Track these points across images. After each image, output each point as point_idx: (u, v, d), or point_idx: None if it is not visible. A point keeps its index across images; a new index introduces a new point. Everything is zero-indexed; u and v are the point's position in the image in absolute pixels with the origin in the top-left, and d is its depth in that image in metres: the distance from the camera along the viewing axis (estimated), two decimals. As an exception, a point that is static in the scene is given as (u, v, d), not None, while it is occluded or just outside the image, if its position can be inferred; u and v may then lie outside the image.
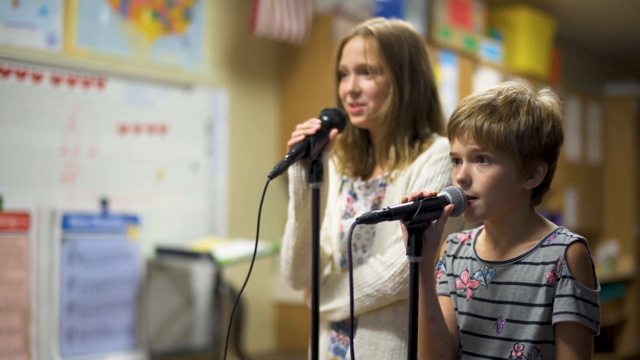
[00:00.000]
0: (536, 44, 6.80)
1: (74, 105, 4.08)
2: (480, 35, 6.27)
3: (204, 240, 4.44)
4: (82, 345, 4.09)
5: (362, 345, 2.47)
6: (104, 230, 4.20)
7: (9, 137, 3.84)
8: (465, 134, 1.95)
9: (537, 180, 1.99)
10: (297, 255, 2.50)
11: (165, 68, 4.51)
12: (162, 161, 4.47)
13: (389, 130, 2.48)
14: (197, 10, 4.67)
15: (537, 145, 1.96)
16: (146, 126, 4.40)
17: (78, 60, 4.11)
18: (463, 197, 1.94)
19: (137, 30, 4.38)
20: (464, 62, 6.01)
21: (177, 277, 4.53)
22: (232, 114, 4.86)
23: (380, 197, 2.51)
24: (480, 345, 1.99)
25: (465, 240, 2.12)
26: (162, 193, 4.47)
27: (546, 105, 2.01)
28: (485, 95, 1.99)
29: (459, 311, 2.06)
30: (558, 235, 1.97)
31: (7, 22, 3.85)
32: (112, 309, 4.22)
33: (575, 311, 1.88)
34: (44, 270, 3.96)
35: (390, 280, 2.39)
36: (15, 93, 3.87)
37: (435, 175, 2.40)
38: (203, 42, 4.71)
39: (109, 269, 4.21)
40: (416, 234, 1.88)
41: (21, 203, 3.87)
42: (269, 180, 2.19)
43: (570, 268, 1.90)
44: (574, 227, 7.56)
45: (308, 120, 2.39)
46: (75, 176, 4.08)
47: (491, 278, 2.00)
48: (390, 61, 2.46)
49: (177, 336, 4.51)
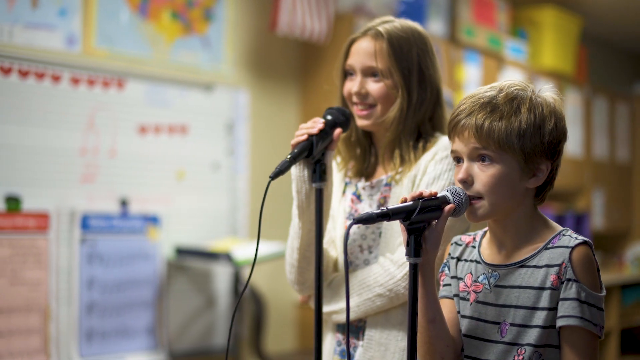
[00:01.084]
0: (562, 43, 6.73)
1: (94, 106, 4.09)
2: (505, 34, 6.22)
3: (224, 241, 4.43)
4: (102, 345, 4.10)
5: (371, 347, 2.43)
6: (123, 231, 4.20)
7: (28, 138, 3.85)
8: (465, 132, 1.92)
9: (540, 179, 1.95)
10: (302, 257, 2.46)
11: (185, 68, 4.51)
12: (182, 161, 4.47)
13: (395, 134, 2.45)
14: (217, 10, 4.66)
15: (539, 143, 1.91)
16: (166, 126, 4.39)
17: (97, 61, 4.12)
18: (464, 197, 1.90)
19: (157, 30, 4.38)
20: (488, 61, 5.96)
21: (198, 277, 4.52)
22: (253, 114, 4.85)
23: (386, 196, 2.47)
24: (483, 350, 1.95)
25: (469, 243, 2.08)
26: (182, 193, 4.46)
27: (548, 102, 1.95)
28: (486, 93, 1.95)
29: (461, 314, 2.02)
30: (563, 237, 1.92)
31: (27, 23, 3.86)
32: (131, 309, 4.22)
33: (580, 315, 1.83)
34: (63, 270, 3.97)
35: (403, 280, 2.36)
36: (34, 94, 3.88)
37: (442, 172, 2.37)
38: (224, 42, 4.70)
39: (128, 270, 4.21)
40: (415, 235, 1.85)
41: (40, 204, 3.88)
42: (270, 180, 2.17)
43: (575, 271, 1.85)
44: (602, 228, 7.49)
45: (312, 119, 2.37)
46: (94, 177, 4.09)
47: (495, 281, 1.96)
48: (399, 65, 2.43)
49: (197, 337, 4.50)
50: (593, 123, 7.42)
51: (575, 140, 7.08)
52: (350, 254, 2.50)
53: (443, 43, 5.54)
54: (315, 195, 2.29)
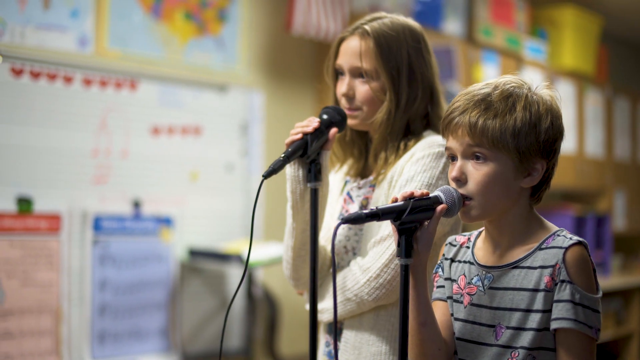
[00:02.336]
0: (582, 43, 6.67)
1: (106, 107, 4.08)
2: (524, 34, 6.17)
3: (238, 242, 4.41)
4: (114, 347, 4.09)
5: (347, 350, 2.39)
6: (136, 232, 4.19)
7: (39, 139, 3.84)
8: (459, 130, 1.87)
9: (536, 178, 1.89)
10: (296, 256, 2.43)
11: (199, 69, 4.49)
12: (196, 163, 4.45)
13: (383, 136, 2.38)
14: (231, 10, 4.64)
15: (535, 141, 1.85)
16: (179, 127, 4.38)
17: (110, 62, 4.11)
18: (457, 197, 1.86)
19: (170, 31, 4.37)
20: (506, 61, 5.91)
21: (212, 279, 4.50)
22: (268, 115, 4.83)
23: (368, 197, 2.43)
24: (477, 353, 1.91)
25: (464, 243, 2.04)
26: (196, 195, 4.45)
27: (545, 100, 1.91)
28: (481, 90, 1.90)
29: (455, 317, 1.97)
30: (557, 237, 1.87)
31: (38, 24, 3.86)
32: (144, 311, 4.21)
33: (574, 317, 1.78)
34: (75, 272, 3.96)
35: (366, 286, 2.31)
36: (46, 95, 3.88)
37: (416, 174, 2.29)
38: (238, 43, 4.68)
39: (141, 271, 4.20)
40: (406, 235, 1.81)
41: (52, 205, 3.88)
42: (263, 179, 2.14)
43: (569, 272, 1.80)
44: (623, 229, 7.42)
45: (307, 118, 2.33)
46: (107, 178, 4.08)
47: (489, 283, 1.91)
48: (387, 65, 2.35)
49: (211, 338, 4.49)
50: (614, 123, 7.35)
51: (597, 141, 7.01)
52: (336, 254, 2.46)
53: (460, 43, 5.49)
54: (310, 195, 2.26)
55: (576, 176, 6.62)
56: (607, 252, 6.83)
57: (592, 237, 6.61)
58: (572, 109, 6.65)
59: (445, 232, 2.31)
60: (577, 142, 6.69)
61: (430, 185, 2.26)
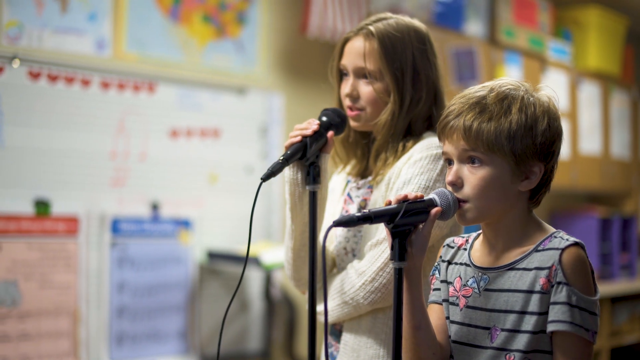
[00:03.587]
0: (608, 43, 6.61)
1: (124, 109, 4.10)
2: (548, 34, 6.13)
3: (257, 245, 4.42)
4: (133, 348, 4.11)
5: (346, 352, 2.39)
6: (154, 235, 4.21)
7: (57, 142, 3.87)
8: (454, 134, 1.85)
9: (533, 182, 1.87)
10: (296, 257, 2.44)
11: (217, 72, 4.50)
12: (215, 165, 4.46)
13: (385, 138, 2.37)
14: (250, 13, 4.65)
15: (531, 144, 1.83)
16: (198, 130, 4.39)
17: (128, 65, 4.13)
18: (452, 200, 1.84)
19: (189, 34, 4.38)
20: (529, 62, 5.87)
21: (230, 281, 4.51)
22: (287, 117, 4.83)
23: (366, 199, 2.42)
24: (473, 356, 1.89)
25: (462, 245, 2.02)
26: (215, 197, 4.46)
27: (542, 101, 1.88)
28: (477, 93, 1.88)
29: (450, 320, 1.96)
30: (554, 239, 1.84)
31: (56, 28, 3.89)
32: (163, 313, 4.22)
33: (570, 320, 1.76)
34: (93, 274, 3.98)
35: (362, 289, 2.30)
36: (63, 98, 3.90)
37: (413, 176, 2.27)
38: (257, 45, 4.69)
39: (160, 273, 4.22)
40: (400, 238, 1.79)
41: (70, 207, 3.90)
42: (261, 182, 2.14)
43: (565, 274, 1.78)
44: (650, 231, 7.35)
45: (307, 120, 2.33)
46: (125, 180, 4.10)
47: (485, 285, 1.89)
48: (391, 66, 2.34)
49: (230, 341, 4.49)
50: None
51: (622, 142, 6.95)
52: (337, 256, 2.46)
53: (482, 44, 5.47)
54: (309, 198, 2.25)
55: (602, 178, 6.57)
56: (633, 254, 6.77)
57: (618, 239, 6.55)
58: (597, 111, 6.60)
59: (443, 235, 2.29)
60: (603, 143, 6.64)
61: (427, 187, 2.24)
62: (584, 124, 6.44)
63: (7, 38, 3.76)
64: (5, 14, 3.75)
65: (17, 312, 3.74)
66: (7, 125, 3.73)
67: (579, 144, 6.36)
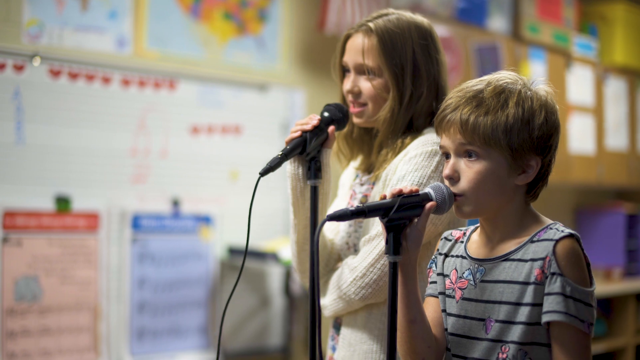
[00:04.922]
0: (634, 38, 6.56)
1: (144, 107, 4.13)
2: (573, 30, 6.09)
3: (277, 241, 4.43)
4: (153, 344, 4.14)
5: (343, 346, 2.41)
6: (175, 231, 4.24)
7: (78, 139, 3.90)
8: (451, 128, 1.85)
9: (530, 175, 1.87)
10: (300, 250, 2.46)
11: (238, 69, 4.52)
12: (236, 162, 4.48)
13: (386, 134, 2.38)
14: (272, 10, 4.66)
15: (528, 138, 1.83)
16: (219, 127, 4.41)
17: (148, 63, 4.16)
18: (448, 194, 1.84)
19: (210, 31, 4.40)
20: (554, 58, 5.84)
21: (252, 277, 4.53)
22: (309, 113, 4.82)
23: (367, 195, 2.43)
24: (469, 348, 1.89)
25: (459, 238, 2.02)
26: (236, 194, 4.47)
27: (539, 95, 1.88)
28: (474, 87, 1.88)
29: (447, 312, 1.95)
30: (549, 230, 1.84)
31: (76, 25, 3.92)
32: (184, 308, 4.25)
33: (564, 310, 1.75)
34: (114, 270, 4.02)
35: (352, 285, 2.31)
36: (84, 96, 3.93)
37: (407, 173, 2.27)
38: (278, 42, 4.70)
39: (180, 269, 4.25)
40: (395, 232, 1.79)
41: (91, 204, 3.94)
42: (260, 177, 2.16)
43: (559, 265, 1.77)
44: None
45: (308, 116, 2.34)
46: (146, 177, 4.13)
47: (481, 277, 1.89)
48: (390, 62, 2.34)
49: (251, 336, 4.51)
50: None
51: (650, 138, 6.90)
52: (339, 250, 2.47)
53: (506, 40, 5.45)
54: (310, 192, 2.26)
55: (629, 174, 6.52)
56: (660, 251, 6.71)
57: (645, 235, 6.50)
58: (623, 106, 6.55)
59: (439, 232, 2.29)
60: (630, 139, 6.59)
61: (422, 184, 2.24)
62: (610, 119, 6.39)
63: (28, 36, 3.80)
64: (26, 12, 3.79)
65: (38, 307, 3.78)
66: (28, 122, 3.78)
67: (605, 139, 6.31)
